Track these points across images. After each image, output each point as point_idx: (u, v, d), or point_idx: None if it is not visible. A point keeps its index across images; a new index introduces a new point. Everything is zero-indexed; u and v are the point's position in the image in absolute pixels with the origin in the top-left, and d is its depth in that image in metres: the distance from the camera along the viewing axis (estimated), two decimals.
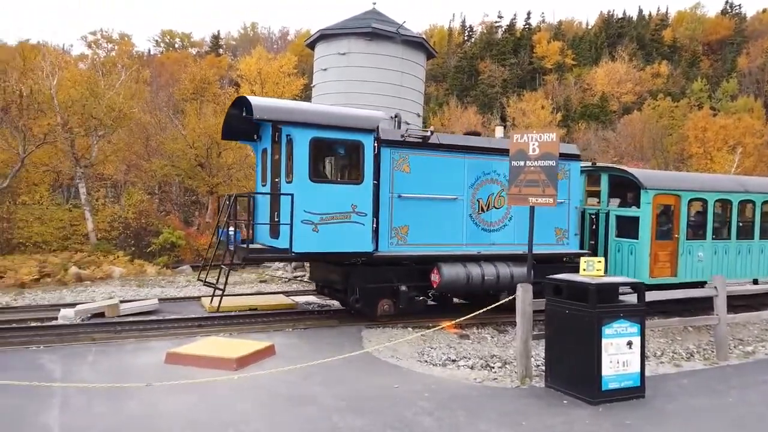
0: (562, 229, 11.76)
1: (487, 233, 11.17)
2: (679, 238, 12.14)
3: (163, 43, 71.35)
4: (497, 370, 7.97)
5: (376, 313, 10.27)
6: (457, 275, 10.35)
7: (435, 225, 10.63)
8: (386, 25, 20.04)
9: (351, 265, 10.29)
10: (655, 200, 11.83)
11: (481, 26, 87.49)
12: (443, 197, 10.67)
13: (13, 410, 5.75)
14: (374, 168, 9.91)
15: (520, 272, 10.77)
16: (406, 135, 10.54)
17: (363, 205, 9.75)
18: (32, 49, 30.41)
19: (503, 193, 11.13)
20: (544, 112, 55.39)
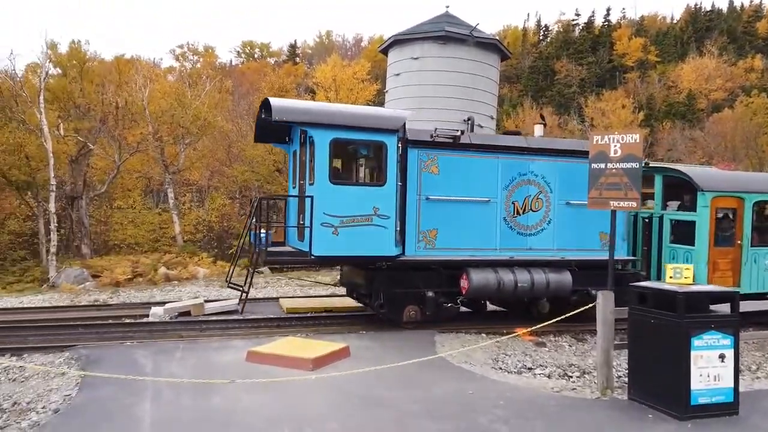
0: (607, 234, 10.92)
1: (523, 237, 10.65)
2: (743, 244, 11.15)
3: (243, 54, 74.34)
4: (576, 380, 7.72)
5: (402, 319, 10.05)
6: (486, 281, 9.93)
7: (465, 228, 10.23)
8: (459, 28, 19.92)
9: (376, 269, 10.03)
10: (714, 203, 10.90)
11: (557, 25, 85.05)
12: (474, 199, 10.28)
13: (111, 401, 6.18)
14: (398, 169, 9.61)
15: (557, 279, 10.30)
16: (434, 135, 10.18)
17: (386, 208, 9.44)
18: (127, 64, 32.62)
19: (541, 195, 10.72)
20: (624, 112, 53.04)
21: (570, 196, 10.80)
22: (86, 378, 6.84)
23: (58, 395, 6.42)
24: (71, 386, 6.70)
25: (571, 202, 10.77)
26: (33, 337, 9.32)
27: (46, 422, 5.66)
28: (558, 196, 10.81)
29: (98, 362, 7.64)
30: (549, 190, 10.78)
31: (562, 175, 10.83)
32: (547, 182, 10.78)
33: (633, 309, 6.65)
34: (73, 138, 25.09)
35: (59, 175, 23.58)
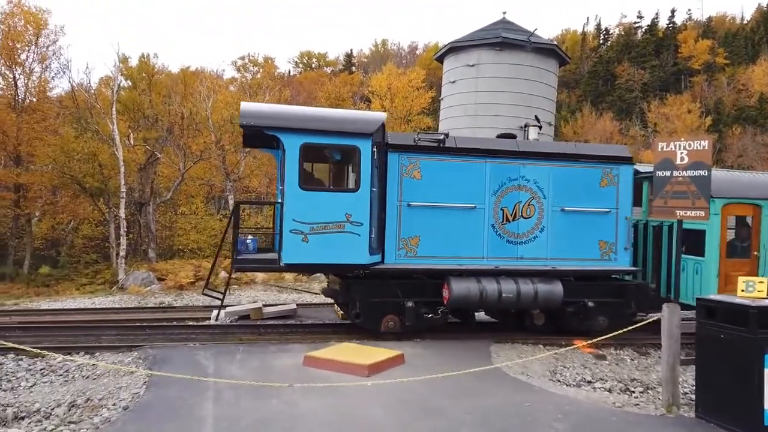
0: (607, 243, 10.45)
1: (513, 246, 10.14)
2: (760, 255, 10.31)
3: (301, 64, 75.98)
4: (638, 395, 7.46)
5: (380, 330, 9.68)
6: (468, 291, 9.48)
7: (450, 236, 9.83)
8: (516, 34, 19.72)
9: (353, 278, 9.75)
10: (725, 210, 10.18)
11: (618, 28, 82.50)
12: (459, 206, 9.87)
13: (176, 400, 6.43)
14: (373, 174, 9.27)
15: (546, 290, 9.78)
16: (417, 139, 9.90)
17: (359, 215, 9.07)
18: (191, 76, 34.02)
19: (533, 201, 10.19)
20: (690, 117, 50.84)
21: (565, 203, 10.30)
22: (153, 377, 7.15)
23: (128, 393, 6.74)
24: (139, 384, 7.02)
25: (567, 208, 10.29)
26: (105, 337, 9.81)
27: (117, 418, 5.95)
28: (552, 203, 10.28)
29: (164, 362, 7.97)
30: (542, 196, 10.26)
31: (556, 180, 10.30)
32: (540, 188, 10.26)
33: (701, 323, 6.37)
34: (142, 147, 26.41)
35: (129, 183, 24.84)
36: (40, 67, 28.88)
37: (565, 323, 10.39)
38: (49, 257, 28.04)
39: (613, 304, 10.44)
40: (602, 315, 10.28)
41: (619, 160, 10.63)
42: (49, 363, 8.30)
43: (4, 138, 26.15)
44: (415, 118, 36.41)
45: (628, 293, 10.55)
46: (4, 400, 6.72)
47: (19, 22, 28.02)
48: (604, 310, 10.31)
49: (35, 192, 27.18)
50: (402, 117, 35.69)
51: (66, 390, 7.15)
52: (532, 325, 10.42)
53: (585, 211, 10.33)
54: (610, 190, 10.46)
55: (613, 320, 10.28)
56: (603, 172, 10.44)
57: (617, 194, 10.49)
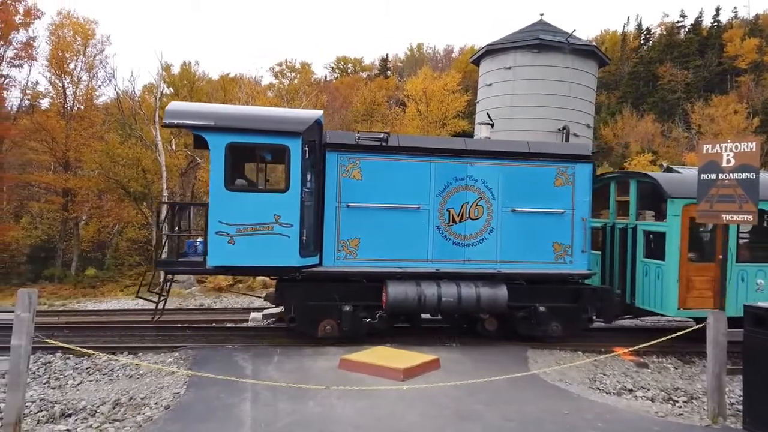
0: (562, 245, 9.98)
1: (460, 248, 9.76)
2: (726, 259, 9.52)
3: (337, 69, 76.66)
4: (682, 405, 7.24)
5: (316, 335, 9.41)
6: (405, 295, 9.19)
7: (392, 238, 9.51)
8: (554, 36, 19.46)
9: (289, 281, 9.49)
10: (687, 211, 9.54)
11: (660, 28, 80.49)
12: (402, 206, 9.55)
13: (215, 401, 6.56)
14: (304, 174, 8.99)
15: (489, 294, 9.40)
16: (357, 138, 9.58)
17: (288, 216, 8.79)
18: (231, 82, 34.72)
19: (482, 201, 9.81)
20: (737, 118, 49.10)
21: (516, 203, 9.90)
22: (193, 377, 7.31)
23: (169, 393, 6.91)
24: (180, 384, 7.18)
25: (518, 209, 9.89)
26: (147, 337, 10.09)
27: (158, 417, 6.10)
28: (502, 203, 9.89)
29: (204, 363, 8.14)
30: (491, 197, 9.88)
31: (506, 179, 9.91)
32: (489, 188, 9.88)
33: (749, 331, 6.14)
34: (183, 152, 27.08)
35: (170, 187, 25.51)
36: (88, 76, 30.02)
37: (515, 328, 10.02)
38: (95, 259, 29.07)
39: (568, 309, 10.04)
40: (555, 320, 9.90)
41: (575, 158, 10.14)
42: (94, 362, 8.58)
43: (54, 144, 27.24)
44: (450, 122, 36.29)
45: (584, 298, 10.10)
46: (53, 398, 6.98)
47: (68, 32, 29.18)
48: (557, 315, 9.92)
49: (82, 196, 28.23)
50: (437, 120, 35.61)
51: (110, 388, 7.38)
52: (484, 330, 10.09)
53: (538, 211, 9.92)
54: (565, 190, 10.00)
55: (567, 326, 9.99)
56: (557, 171, 10.00)
57: (573, 194, 10.02)
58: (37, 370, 8.23)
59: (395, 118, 38.72)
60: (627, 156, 46.48)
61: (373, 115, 36.34)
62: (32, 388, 7.41)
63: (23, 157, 30.86)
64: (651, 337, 8.60)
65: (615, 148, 52.66)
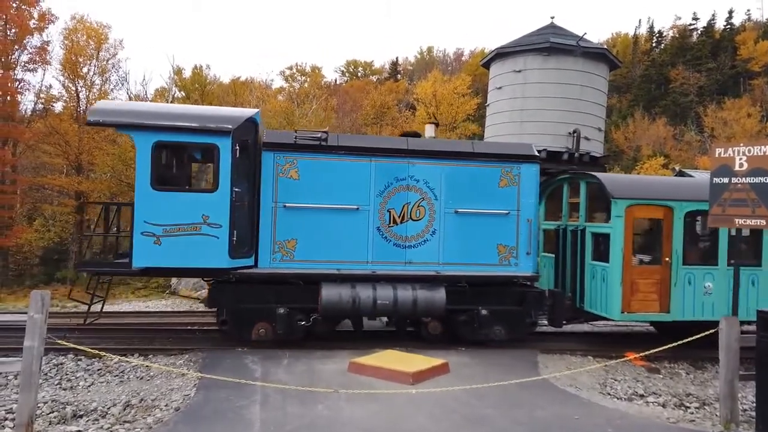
0: (507, 247, 9.79)
1: (401, 250, 9.58)
2: (672, 262, 9.49)
3: (347, 73, 76.87)
4: (694, 411, 7.17)
5: (250, 338, 9.23)
6: (339, 298, 9.02)
7: (331, 239, 9.35)
8: (565, 39, 19.39)
9: (223, 282, 9.25)
10: (631, 213, 9.46)
11: (672, 30, 79.94)
12: (341, 207, 9.39)
13: (225, 403, 6.58)
14: (234, 174, 8.76)
15: (427, 297, 9.21)
16: (296, 137, 9.41)
17: (217, 216, 8.59)
18: (242, 85, 34.93)
19: (423, 202, 9.62)
20: (750, 121, 48.69)
21: (459, 204, 9.73)
22: (203, 380, 7.34)
23: (179, 395, 6.95)
24: (190, 386, 7.23)
25: (461, 210, 9.72)
26: (158, 340, 10.14)
27: (169, 419, 6.14)
28: (444, 204, 9.71)
29: (214, 365, 8.17)
30: (433, 197, 9.70)
31: (449, 180, 9.74)
32: (431, 188, 9.70)
33: (762, 336, 6.07)
34: None
35: None
36: (100, 80, 30.30)
37: (457, 332, 9.85)
38: None
39: (512, 313, 9.86)
40: (499, 324, 9.76)
41: (520, 158, 9.94)
42: (105, 363, 8.65)
43: (67, 147, 27.52)
44: (460, 125, 36.26)
45: (529, 301, 9.92)
46: (64, 399, 7.04)
47: (81, 37, 29.50)
48: (501, 318, 9.76)
49: (95, 199, 28.46)
50: (447, 124, 35.59)
51: (121, 390, 7.43)
52: (427, 334, 9.92)
53: (481, 213, 9.75)
54: (510, 191, 9.82)
55: (511, 330, 9.83)
56: (502, 172, 9.82)
57: (518, 195, 9.84)
58: (49, 372, 8.30)
59: (405, 121, 38.76)
60: (639, 160, 46.17)
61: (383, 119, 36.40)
62: (44, 389, 7.48)
63: (37, 160, 31.22)
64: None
65: (626, 151, 52.35)
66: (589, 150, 19.09)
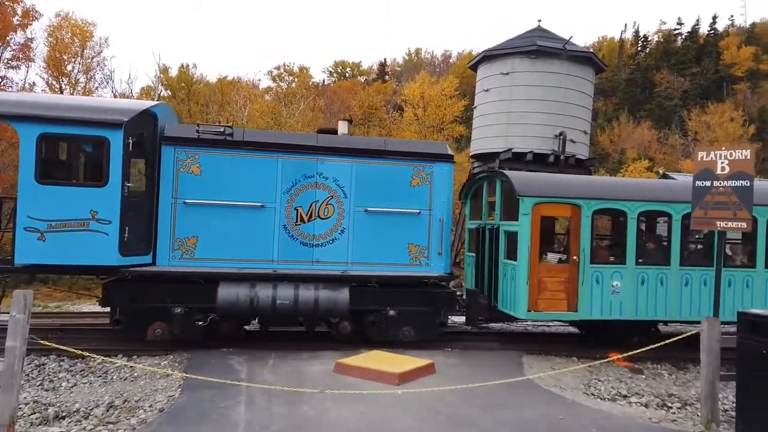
0: (418, 246, 9.71)
1: (308, 249, 9.44)
2: (580, 260, 9.46)
3: (335, 73, 76.76)
4: (676, 411, 7.26)
5: (146, 338, 8.97)
6: (236, 297, 8.81)
7: (234, 237, 9.15)
8: (551, 42, 19.56)
9: (117, 281, 8.92)
10: (538, 210, 9.42)
11: (657, 35, 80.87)
12: (245, 204, 9.20)
13: (209, 403, 6.55)
14: (125, 168, 8.47)
15: (329, 297, 9.03)
16: (198, 131, 9.18)
17: (106, 212, 8.30)
18: (228, 85, 34.75)
19: (332, 200, 9.52)
20: (733, 125, 49.42)
21: (369, 203, 9.63)
22: (188, 380, 7.29)
23: (163, 395, 6.89)
24: (174, 387, 7.17)
25: (371, 209, 9.62)
26: (142, 340, 10.02)
27: (153, 420, 6.09)
28: (354, 202, 9.60)
29: (198, 366, 8.12)
30: (342, 195, 9.58)
31: (359, 178, 9.63)
32: (341, 186, 9.58)
33: (743, 337, 6.17)
34: None
35: None
36: (85, 78, 30.00)
37: (365, 333, 9.67)
38: None
39: (422, 314, 9.66)
40: (408, 325, 9.57)
41: (433, 157, 9.84)
42: (88, 364, 8.56)
43: None
44: (448, 127, 36.38)
45: (443, 303, 9.76)
46: (46, 400, 6.96)
47: (66, 34, 29.19)
48: (410, 319, 9.57)
49: None
50: (435, 125, 35.70)
51: (104, 391, 7.36)
52: (338, 335, 9.73)
53: (392, 212, 9.65)
54: (423, 190, 9.73)
55: (421, 331, 9.66)
56: (414, 171, 9.74)
57: (431, 194, 9.75)
58: (31, 372, 8.20)
59: (393, 122, 38.81)
60: (624, 163, 46.66)
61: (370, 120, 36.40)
62: (26, 390, 7.39)
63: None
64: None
65: (612, 154, 52.89)
66: (575, 153, 19.27)
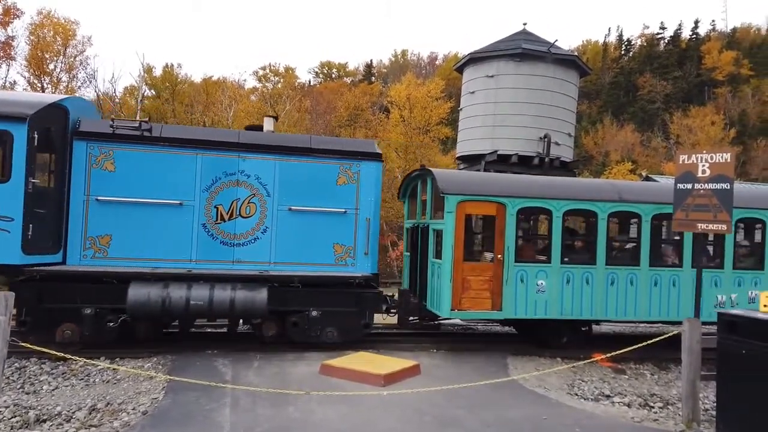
0: (344, 246, 9.57)
1: (228, 248, 9.24)
2: (504, 259, 9.42)
3: (321, 74, 76.66)
4: (658, 411, 7.35)
5: (54, 340, 8.56)
6: (148, 297, 8.51)
7: (151, 236, 8.92)
8: (537, 45, 19.73)
9: (24, 281, 8.60)
10: (462, 208, 9.32)
11: (640, 39, 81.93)
12: (162, 202, 8.96)
13: (193, 406, 6.50)
14: (30, 164, 8.16)
15: (246, 298, 8.77)
16: (113, 126, 8.92)
17: (8, 209, 8.02)
18: (214, 85, 34.53)
19: (254, 199, 9.32)
20: (714, 129, 50.22)
21: (293, 201, 9.46)
22: (172, 382, 7.23)
23: (147, 398, 6.83)
24: (158, 390, 7.11)
25: (295, 207, 9.45)
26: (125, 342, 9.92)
27: (136, 423, 6.03)
28: (278, 201, 9.42)
29: (183, 368, 8.06)
30: (265, 194, 9.40)
31: (283, 176, 9.45)
32: (263, 184, 9.40)
33: (722, 338, 6.27)
34: None
35: None
36: (68, 77, 29.63)
37: (288, 334, 9.45)
38: None
39: (347, 314, 9.46)
40: (331, 326, 9.36)
41: (360, 155, 9.66)
42: (70, 367, 8.44)
43: None
44: (434, 128, 36.49)
45: (368, 304, 9.59)
46: (27, 403, 6.85)
47: (48, 33, 28.81)
48: (334, 320, 9.36)
49: None
50: (421, 127, 35.78)
51: (87, 394, 7.27)
52: (262, 336, 9.48)
53: (317, 211, 9.50)
54: (349, 189, 9.58)
55: (346, 332, 9.47)
56: (341, 169, 9.58)
57: (357, 193, 9.58)
58: (11, 375, 8.07)
59: (379, 124, 38.83)
60: (607, 165, 47.13)
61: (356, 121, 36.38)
62: (6, 393, 7.27)
63: None
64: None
65: (596, 157, 53.42)
66: (560, 155, 19.46)
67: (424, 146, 34.73)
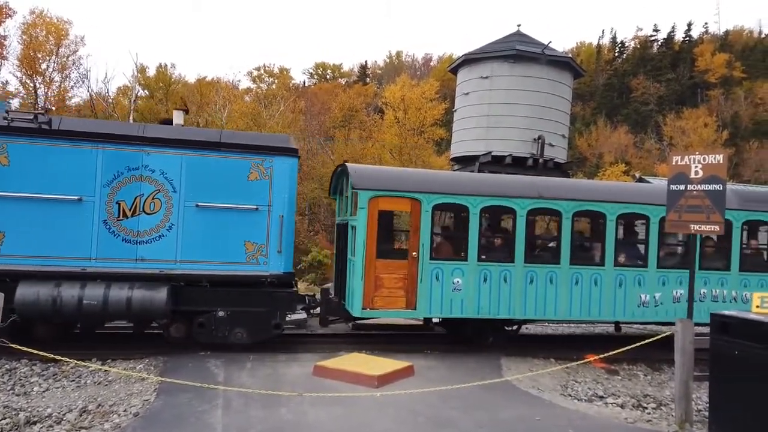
0: (255, 244, 9.23)
1: (131, 246, 8.87)
2: (419, 256, 9.21)
3: (316, 75, 76.55)
4: (651, 411, 7.37)
5: None
6: (37, 297, 8.23)
7: (46, 233, 8.57)
8: (531, 47, 19.76)
9: None
10: (375, 204, 9.10)
11: (633, 41, 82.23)
12: (59, 197, 8.61)
13: (185, 407, 6.46)
14: None
15: (144, 297, 8.49)
16: (7, 118, 8.61)
17: None
18: (208, 85, 34.44)
19: (159, 194, 8.98)
20: (707, 131, 50.50)
21: (201, 198, 9.12)
22: (163, 384, 7.18)
23: (139, 400, 6.78)
24: (150, 391, 7.06)
25: (203, 204, 9.11)
26: (117, 344, 9.87)
27: (127, 425, 5.98)
28: (184, 197, 9.09)
29: (175, 369, 8.01)
30: (171, 189, 9.06)
31: (190, 171, 9.13)
32: (169, 179, 9.06)
33: (715, 338, 6.28)
34: None
35: None
36: (60, 77, 29.47)
37: (193, 335, 9.24)
38: None
39: (257, 315, 9.23)
40: (240, 327, 9.16)
41: (273, 150, 9.37)
42: (61, 368, 8.37)
43: None
44: (428, 130, 36.52)
45: (282, 304, 9.40)
46: (17, 405, 6.79)
47: (40, 32, 28.65)
48: (243, 321, 9.17)
49: None
50: (415, 128, 35.80)
51: (78, 395, 7.21)
52: (170, 337, 9.30)
53: (227, 207, 9.18)
54: (261, 185, 9.27)
55: (255, 333, 9.26)
56: (252, 164, 9.28)
57: (270, 189, 9.30)
58: (1, 377, 8.00)
59: (373, 125, 38.83)
60: (601, 166, 47.31)
61: (351, 122, 36.37)
62: None
63: None
64: (622, 344, 8.73)
65: (589, 158, 53.61)
66: (554, 156, 19.48)
67: (419, 147, 34.76)
